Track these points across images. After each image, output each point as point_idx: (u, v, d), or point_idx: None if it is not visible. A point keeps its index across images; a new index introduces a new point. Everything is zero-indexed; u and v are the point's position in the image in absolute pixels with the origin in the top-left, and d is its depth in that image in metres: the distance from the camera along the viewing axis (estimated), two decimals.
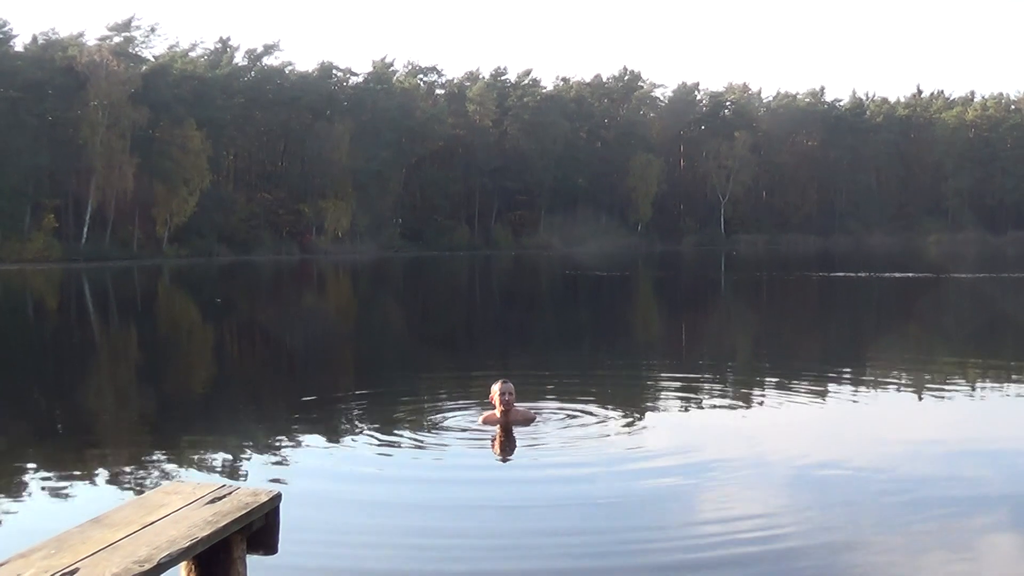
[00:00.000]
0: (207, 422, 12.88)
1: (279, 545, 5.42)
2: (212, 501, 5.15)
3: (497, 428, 10.81)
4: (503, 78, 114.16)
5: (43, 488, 9.16)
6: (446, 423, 11.53)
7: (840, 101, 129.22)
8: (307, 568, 6.51)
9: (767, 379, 16.24)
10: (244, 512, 5.02)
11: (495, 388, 10.93)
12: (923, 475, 9.21)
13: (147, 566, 4.26)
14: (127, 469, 9.84)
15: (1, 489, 9.14)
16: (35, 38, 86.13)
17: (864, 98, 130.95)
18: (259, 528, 5.23)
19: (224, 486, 5.41)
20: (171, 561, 4.42)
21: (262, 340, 25.65)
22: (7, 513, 8.29)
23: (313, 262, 79.32)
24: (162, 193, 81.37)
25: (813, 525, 7.59)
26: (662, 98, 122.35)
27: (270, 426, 12.15)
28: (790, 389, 14.70)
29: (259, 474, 9.28)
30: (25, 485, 9.29)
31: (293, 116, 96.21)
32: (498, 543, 7.25)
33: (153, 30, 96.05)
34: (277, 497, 5.34)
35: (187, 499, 5.17)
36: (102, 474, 9.73)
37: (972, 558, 6.79)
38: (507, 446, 10.35)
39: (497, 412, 10.89)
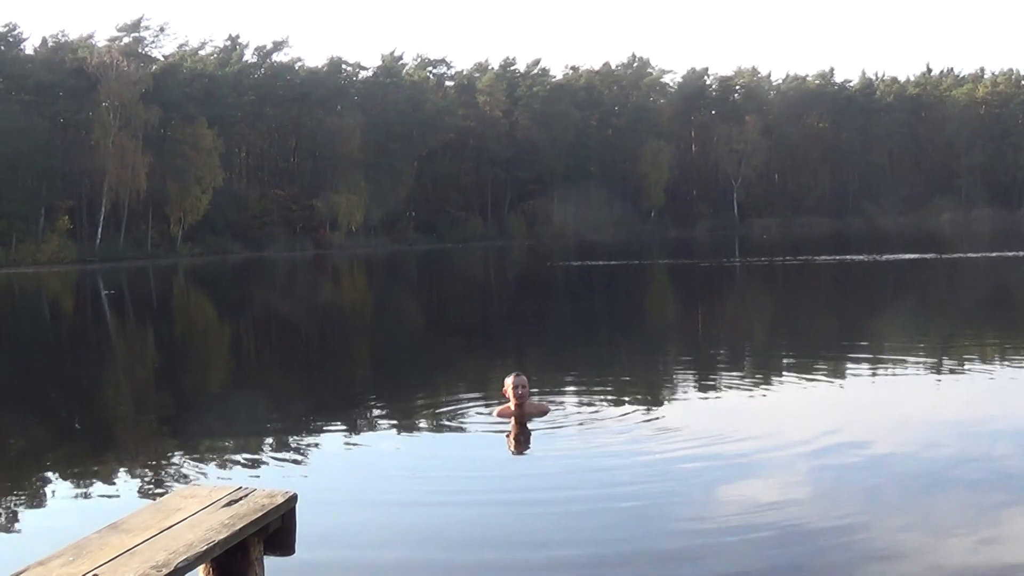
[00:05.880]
0: (224, 423, 12.89)
1: (296, 546, 5.46)
2: (229, 504, 5.18)
3: (512, 421, 10.82)
4: (512, 68, 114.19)
5: (60, 492, 9.19)
6: (461, 418, 11.54)
7: (850, 82, 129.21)
8: (325, 568, 6.52)
9: (785, 363, 16.19)
10: (261, 514, 5.06)
11: (508, 381, 10.93)
12: (943, 456, 9.19)
13: (165, 571, 4.30)
14: (144, 472, 9.88)
15: (19, 493, 9.20)
16: (45, 40, 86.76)
17: (874, 78, 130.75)
18: (276, 530, 5.26)
19: (240, 488, 5.44)
20: (189, 565, 4.46)
21: (278, 338, 25.71)
22: (25, 518, 8.35)
23: (327, 257, 79.47)
24: (175, 192, 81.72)
25: (834, 507, 7.58)
26: (672, 84, 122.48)
27: (287, 425, 12.18)
28: (808, 372, 14.66)
29: (276, 475, 9.28)
30: (42, 489, 9.34)
31: (304, 111, 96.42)
32: (516, 537, 7.25)
33: (162, 30, 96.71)
34: (293, 498, 5.37)
35: (204, 502, 5.21)
36: (119, 477, 9.77)
37: (994, 539, 6.77)
38: (522, 439, 10.36)
39: (511, 405, 10.90)
